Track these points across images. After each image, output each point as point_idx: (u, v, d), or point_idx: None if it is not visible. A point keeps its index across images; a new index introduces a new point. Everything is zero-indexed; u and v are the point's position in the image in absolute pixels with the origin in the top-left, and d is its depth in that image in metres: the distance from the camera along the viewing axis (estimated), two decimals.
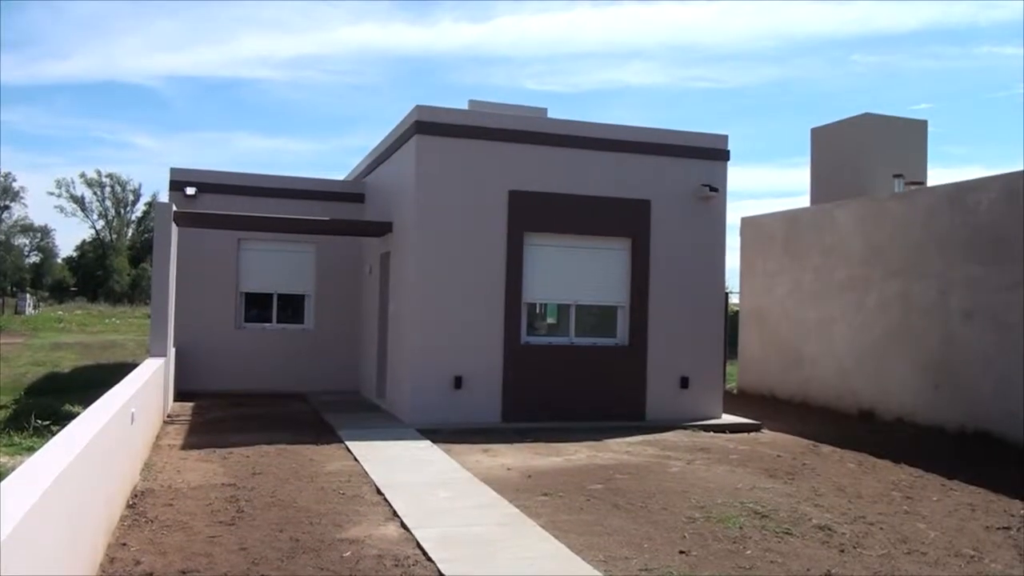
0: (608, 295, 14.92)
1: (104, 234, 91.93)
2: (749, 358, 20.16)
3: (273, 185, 18.56)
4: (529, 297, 14.52)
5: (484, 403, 14.02)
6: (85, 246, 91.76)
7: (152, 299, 14.39)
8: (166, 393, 14.12)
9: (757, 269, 19.90)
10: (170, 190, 17.94)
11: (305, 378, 18.16)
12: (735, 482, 10.01)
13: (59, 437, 5.74)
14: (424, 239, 13.93)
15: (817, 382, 17.72)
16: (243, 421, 13.89)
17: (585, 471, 10.37)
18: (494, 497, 8.80)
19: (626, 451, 11.91)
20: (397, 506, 8.28)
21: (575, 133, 14.66)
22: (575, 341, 14.75)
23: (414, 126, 14.00)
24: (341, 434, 12.45)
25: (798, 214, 18.79)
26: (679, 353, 14.95)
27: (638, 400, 14.74)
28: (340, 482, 9.38)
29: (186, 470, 9.86)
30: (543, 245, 14.55)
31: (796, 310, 18.46)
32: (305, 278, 18.79)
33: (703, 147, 15.24)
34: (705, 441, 13.04)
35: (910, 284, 15.44)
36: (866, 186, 18.16)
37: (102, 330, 38.34)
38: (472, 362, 14.00)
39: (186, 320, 17.15)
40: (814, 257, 17.96)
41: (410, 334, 13.92)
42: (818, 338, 17.74)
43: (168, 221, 14.25)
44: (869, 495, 9.63)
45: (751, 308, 20.15)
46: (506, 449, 11.76)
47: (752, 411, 16.50)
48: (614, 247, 14.91)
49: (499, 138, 14.28)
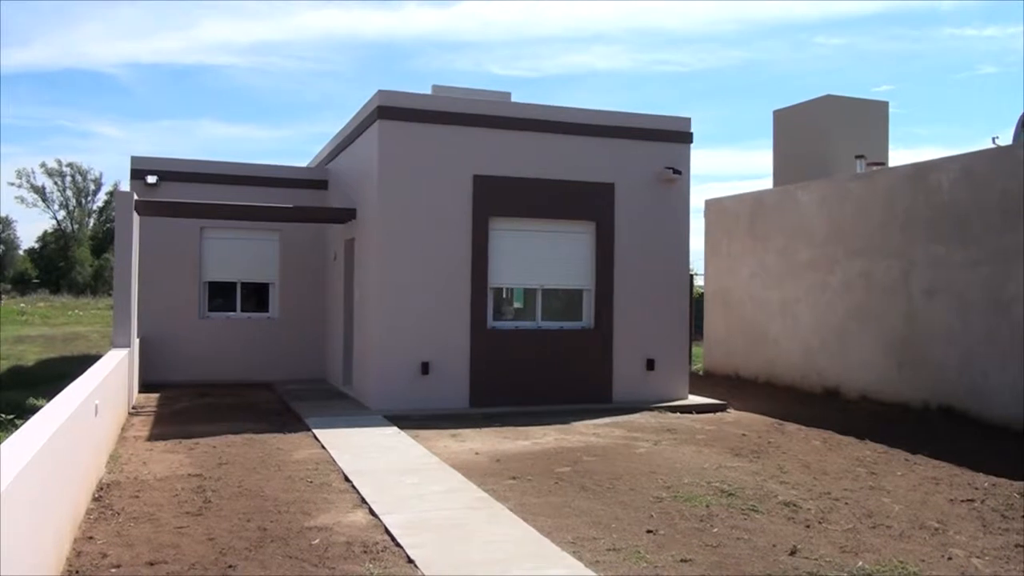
0: (574, 279, 14.96)
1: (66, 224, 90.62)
2: (714, 339, 20.30)
3: (235, 172, 18.37)
4: (495, 282, 14.52)
5: (451, 389, 14.02)
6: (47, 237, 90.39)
7: (115, 290, 14.22)
8: (131, 384, 13.97)
9: (722, 251, 20.02)
10: (131, 179, 17.71)
11: (271, 367, 18.05)
12: (701, 462, 10.09)
13: (20, 432, 5.66)
14: (388, 225, 13.87)
15: (782, 362, 17.89)
16: (209, 411, 13.79)
17: (553, 454, 10.41)
18: (462, 482, 8.82)
19: (593, 433, 11.97)
20: (365, 493, 8.27)
21: (539, 117, 14.65)
22: (542, 325, 14.78)
23: (376, 111, 13.92)
24: (308, 422, 12.40)
25: (762, 196, 18.91)
26: (645, 335, 15.04)
27: (605, 383, 14.81)
28: (308, 470, 9.35)
29: (152, 461, 9.78)
30: (508, 230, 14.54)
31: (761, 291, 18.61)
32: (269, 266, 18.64)
33: (666, 130, 15.29)
34: (672, 422, 13.14)
35: (873, 264, 15.62)
36: (828, 167, 18.31)
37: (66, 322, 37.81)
38: (439, 348, 13.99)
39: (150, 310, 16.97)
40: (778, 238, 18.10)
41: (375, 320, 13.87)
42: (783, 318, 17.91)
43: (129, 210, 14.08)
44: (834, 471, 9.75)
45: (716, 290, 20.27)
46: (474, 434, 11.78)
47: (718, 391, 16.64)
48: (579, 231, 14.94)
49: (463, 123, 14.23)
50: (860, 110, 18.91)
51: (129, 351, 13.45)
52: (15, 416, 12.13)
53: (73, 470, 6.82)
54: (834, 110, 18.72)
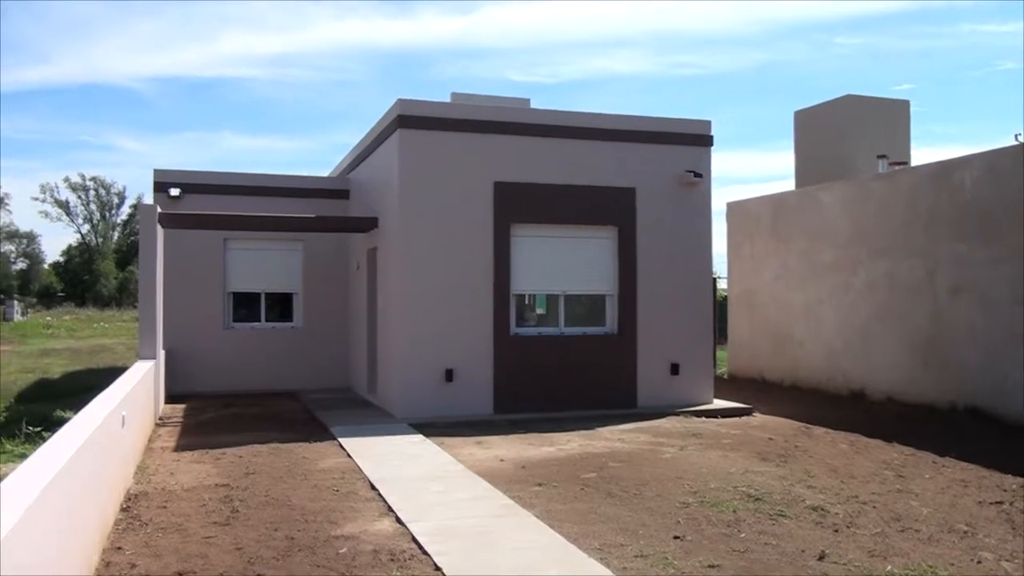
0: (596, 284, 14.93)
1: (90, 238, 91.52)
2: (739, 342, 20.20)
3: (258, 184, 18.48)
4: (517, 288, 14.52)
5: (476, 395, 14.02)
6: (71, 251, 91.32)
7: (140, 302, 14.33)
8: (157, 395, 14.07)
9: (744, 253, 19.94)
10: (154, 192, 17.86)
11: (296, 376, 18.13)
12: (728, 466, 10.04)
13: (49, 443, 5.71)
14: (410, 233, 13.90)
15: (807, 364, 17.77)
16: (235, 421, 13.86)
17: (578, 460, 10.38)
18: (488, 489, 8.80)
19: (619, 439, 11.92)
20: (391, 501, 8.27)
21: (559, 123, 14.65)
22: (565, 331, 14.76)
23: (396, 120, 13.96)
24: (333, 431, 12.43)
25: (784, 197, 18.82)
26: (669, 340, 14.98)
27: (629, 388, 14.76)
28: (334, 479, 9.37)
29: (179, 472, 9.83)
30: (530, 236, 14.54)
31: (784, 293, 18.51)
32: (293, 276, 18.73)
33: (687, 133, 15.25)
34: (697, 426, 13.07)
35: (896, 264, 15.50)
36: (850, 168, 18.19)
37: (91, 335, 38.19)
38: (462, 355, 14.00)
39: (175, 322, 17.08)
40: (800, 240, 18.00)
41: (399, 329, 13.90)
42: (807, 320, 17.80)
43: (153, 223, 14.18)
44: (861, 475, 9.67)
45: (739, 292, 20.18)
46: (499, 441, 11.76)
47: (743, 395, 16.55)
48: (601, 236, 14.91)
49: (482, 130, 14.26)
50: (881, 109, 18.78)
51: (155, 363, 13.54)
52: (42, 428, 12.25)
53: (101, 481, 6.87)
54: (855, 110, 18.60)
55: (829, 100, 19.17)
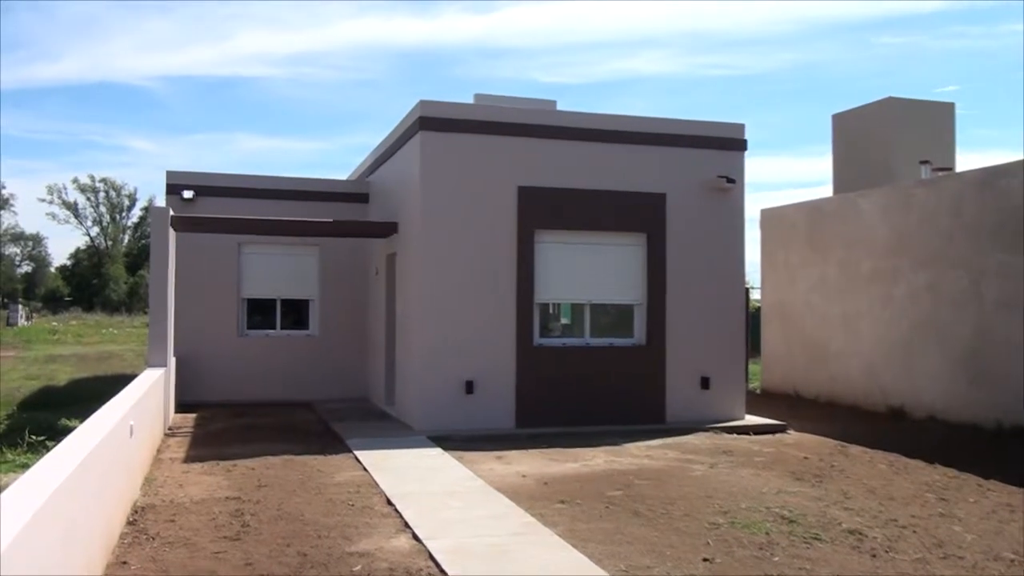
0: (624, 293, 14.89)
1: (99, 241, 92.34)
2: (772, 356, 20.08)
3: (273, 186, 18.59)
4: (541, 297, 14.50)
5: (497, 408, 14.00)
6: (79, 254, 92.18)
7: (150, 307, 14.42)
8: (167, 404, 14.15)
9: (779, 263, 19.84)
10: (167, 194, 18.00)
11: (311, 386, 18.18)
12: (760, 486, 9.96)
13: (53, 452, 5.74)
14: (431, 239, 13.92)
15: (844, 379, 17.64)
16: (247, 432, 13.90)
17: (603, 477, 10.34)
18: (509, 506, 8.77)
19: (646, 455, 11.87)
20: (408, 517, 8.26)
21: (586, 125, 14.63)
22: (590, 342, 14.72)
23: (418, 122, 14.00)
24: (349, 443, 12.44)
25: (820, 204, 18.71)
26: (699, 352, 14.91)
27: (657, 402, 14.70)
28: (349, 493, 9.38)
29: (188, 484, 9.87)
30: (555, 242, 14.52)
31: (820, 304, 18.39)
32: (309, 282, 18.81)
33: (719, 137, 15.19)
34: (728, 443, 13.00)
35: (940, 274, 15.35)
36: (891, 173, 18.06)
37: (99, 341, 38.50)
38: (483, 366, 13.99)
39: (186, 328, 17.18)
40: (838, 249, 17.89)
41: (418, 338, 13.91)
42: (844, 333, 17.66)
43: (165, 226, 14.28)
44: (901, 497, 9.57)
45: (773, 303, 20.08)
46: (520, 455, 11.73)
47: (776, 411, 16.44)
48: (629, 243, 14.87)
49: (506, 132, 14.27)
50: (924, 112, 18.64)
51: (165, 370, 13.62)
52: (46, 437, 12.32)
53: (107, 493, 6.90)
54: (897, 113, 18.47)
55: (869, 103, 19.06)
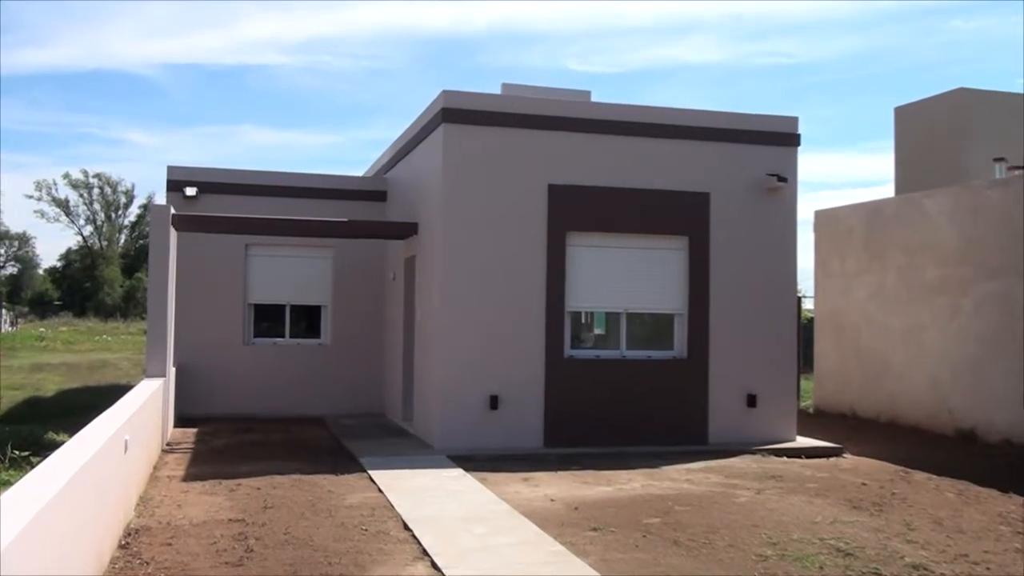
0: (663, 302, 14.83)
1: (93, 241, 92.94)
2: (826, 371, 19.95)
3: (284, 183, 18.69)
4: (573, 305, 14.46)
5: (524, 426, 13.97)
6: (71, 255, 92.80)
7: (148, 313, 14.51)
8: (165, 418, 14.23)
9: (834, 269, 19.72)
10: (168, 191, 18.13)
11: (322, 400, 18.23)
12: (813, 515, 9.88)
13: (39, 469, 5.75)
14: (453, 241, 13.92)
15: (906, 398, 17.48)
16: (253, 449, 13.96)
17: (640, 502, 10.29)
18: (536, 533, 8.74)
19: (686, 479, 11.82)
20: (426, 543, 8.24)
21: (623, 118, 14.60)
22: (626, 354, 14.67)
23: (440, 114, 14.02)
24: (363, 462, 12.47)
25: (881, 206, 18.59)
26: (746, 366, 14.82)
27: (699, 421, 14.62)
28: (362, 517, 9.38)
29: (188, 504, 9.90)
30: (588, 246, 14.49)
31: (880, 315, 18.25)
32: (321, 287, 18.88)
33: (770, 131, 15.12)
34: (777, 467, 12.92)
35: (1015, 284, 15.18)
36: (961, 172, 17.92)
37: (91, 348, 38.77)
38: (510, 379, 13.96)
39: (188, 336, 17.28)
40: (900, 255, 17.75)
41: (439, 348, 13.91)
42: (906, 347, 17.51)
43: (166, 225, 14.37)
44: (972, 530, 9.44)
45: (828, 314, 19.95)
46: (549, 478, 11.71)
47: (831, 432, 16.32)
48: (669, 247, 14.82)
49: (537, 126, 14.26)
50: (998, 105, 18.47)
51: (164, 381, 13.70)
52: (31, 453, 12.37)
53: (99, 513, 6.91)
54: (968, 105, 18.32)
55: (937, 94, 18.94)
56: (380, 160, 19.92)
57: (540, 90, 15.94)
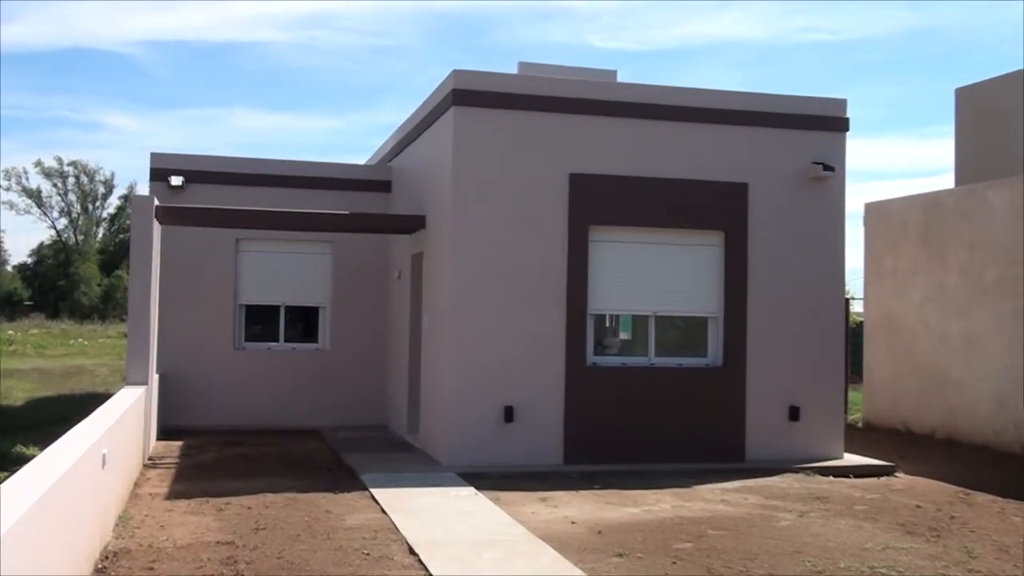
0: (696, 303, 14.82)
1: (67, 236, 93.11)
2: (877, 381, 19.90)
3: (278, 172, 18.75)
4: (596, 307, 14.47)
5: (541, 440, 13.98)
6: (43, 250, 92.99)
7: (129, 315, 14.56)
8: (147, 430, 14.28)
9: (886, 269, 19.67)
10: (151, 180, 18.22)
11: (320, 410, 18.27)
12: (862, 540, 9.86)
13: (5, 486, 5.76)
14: (464, 236, 13.94)
15: (967, 412, 17.41)
16: (243, 463, 14.01)
17: (670, 525, 10.29)
18: (555, 559, 8.75)
19: (721, 500, 11.82)
20: (434, 570, 8.26)
21: (652, 101, 14.60)
22: (655, 362, 14.67)
23: (451, 95, 14.04)
24: (364, 479, 12.50)
25: (939, 198, 18.54)
26: (787, 376, 14.80)
27: (735, 435, 14.61)
28: (363, 539, 9.39)
29: (172, 525, 9.94)
30: (613, 242, 14.50)
31: (938, 320, 18.19)
32: (319, 286, 18.93)
33: (815, 115, 15.09)
34: (822, 488, 12.90)
35: None
36: None
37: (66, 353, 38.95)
38: (526, 389, 13.98)
39: (172, 340, 17.33)
40: (960, 252, 17.69)
41: (448, 354, 13.94)
42: (968, 356, 17.45)
43: (149, 218, 14.43)
44: None
45: (879, 318, 19.90)
46: (569, 497, 11.72)
47: (882, 449, 16.31)
48: (703, 243, 14.81)
49: (557, 109, 14.26)
50: None
51: (146, 389, 13.75)
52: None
53: (72, 534, 6.93)
54: None
55: (1002, 74, 18.84)
56: (384, 147, 19.96)
57: (561, 69, 15.93)
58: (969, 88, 19.61)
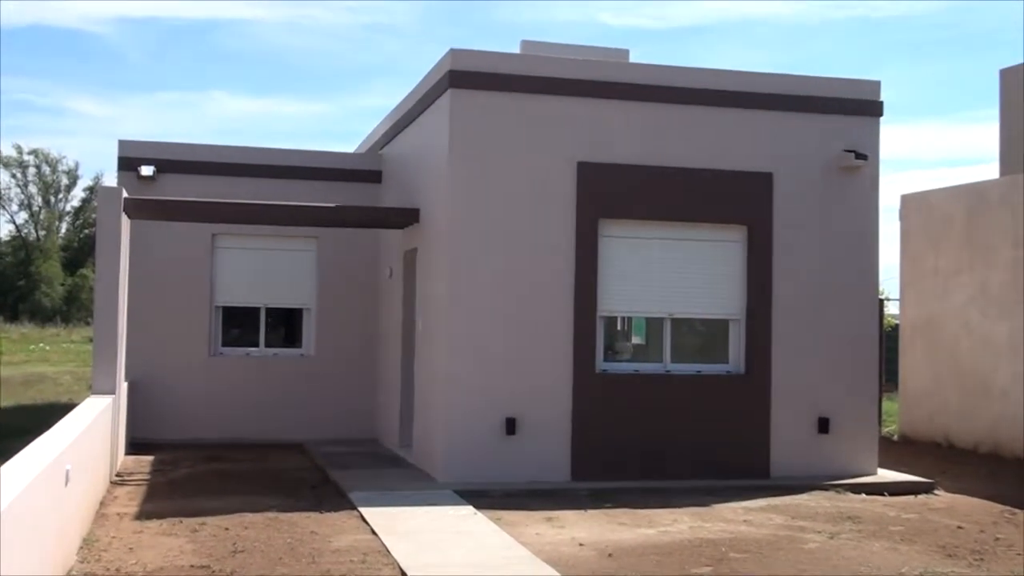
0: (716, 305, 14.84)
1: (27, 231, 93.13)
2: (915, 390, 19.90)
3: (259, 161, 18.75)
4: (607, 308, 14.49)
5: (546, 454, 13.99)
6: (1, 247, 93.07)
7: (96, 317, 14.56)
8: (115, 443, 14.28)
9: (926, 267, 19.67)
10: (119, 170, 18.21)
11: (303, 422, 18.28)
12: (898, 564, 9.87)
13: None
14: (462, 230, 13.95)
15: (1013, 424, 17.41)
16: (220, 480, 14.03)
17: (687, 548, 10.30)
18: None
19: (743, 520, 11.83)
20: None
21: (668, 83, 14.61)
22: (671, 368, 14.68)
23: (447, 77, 14.04)
24: (352, 497, 12.50)
25: (983, 189, 18.55)
26: (815, 384, 14.80)
27: (759, 449, 14.62)
28: (351, 563, 9.40)
29: (141, 547, 9.94)
30: (626, 237, 14.52)
31: (983, 323, 18.19)
32: (303, 286, 18.94)
33: (847, 99, 15.10)
34: (854, 507, 12.91)
35: None
36: None
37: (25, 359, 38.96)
38: (529, 398, 13.98)
39: (143, 345, 17.33)
40: (1007, 248, 17.69)
41: (444, 360, 13.94)
42: (1015, 362, 17.44)
43: (117, 212, 14.43)
44: None
45: (918, 321, 19.90)
46: (577, 517, 11.73)
47: (920, 464, 16.33)
48: (723, 238, 14.83)
49: (564, 91, 14.27)
50: None
51: (114, 399, 13.74)
52: None
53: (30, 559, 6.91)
54: None
55: None
56: (375, 134, 19.96)
57: (568, 49, 15.93)
58: (1014, 69, 19.58)
